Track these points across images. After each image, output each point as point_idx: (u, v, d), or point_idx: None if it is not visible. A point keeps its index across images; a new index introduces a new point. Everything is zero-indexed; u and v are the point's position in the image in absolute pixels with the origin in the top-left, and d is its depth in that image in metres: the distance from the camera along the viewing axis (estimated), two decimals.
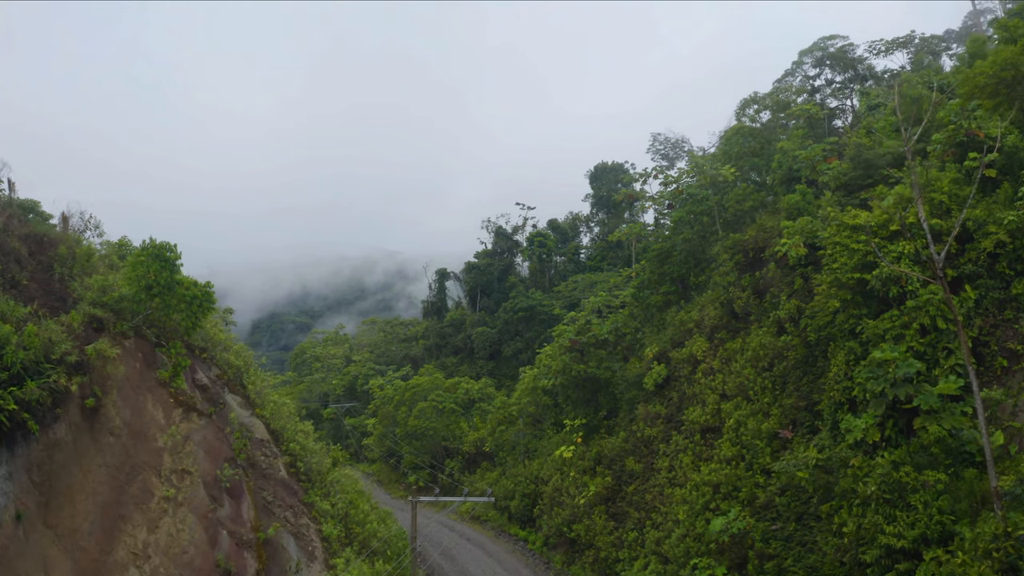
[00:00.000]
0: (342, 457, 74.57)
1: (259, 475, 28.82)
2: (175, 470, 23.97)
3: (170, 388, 26.43)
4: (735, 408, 41.25)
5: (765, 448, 38.07)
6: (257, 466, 29.22)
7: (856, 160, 46.41)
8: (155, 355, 27.58)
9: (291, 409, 35.85)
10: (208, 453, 25.70)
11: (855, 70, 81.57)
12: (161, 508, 22.69)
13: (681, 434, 44.79)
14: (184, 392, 26.89)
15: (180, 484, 23.79)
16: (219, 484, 25.31)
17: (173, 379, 26.83)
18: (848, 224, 34.98)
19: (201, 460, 25.14)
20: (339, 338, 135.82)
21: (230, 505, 25.17)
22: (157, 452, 23.90)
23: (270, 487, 28.63)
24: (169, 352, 27.35)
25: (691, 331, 50.16)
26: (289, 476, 30.92)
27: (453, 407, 78.75)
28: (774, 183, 54.74)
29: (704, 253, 57.24)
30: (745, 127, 59.68)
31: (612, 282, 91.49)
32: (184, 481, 23.99)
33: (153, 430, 24.41)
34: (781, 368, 40.76)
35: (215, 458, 25.84)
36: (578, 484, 52.16)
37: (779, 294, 44.27)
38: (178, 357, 27.42)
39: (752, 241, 49.37)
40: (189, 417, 25.83)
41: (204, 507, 23.94)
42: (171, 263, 26.92)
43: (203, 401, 27.53)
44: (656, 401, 49.88)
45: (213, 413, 27.58)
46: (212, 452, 25.92)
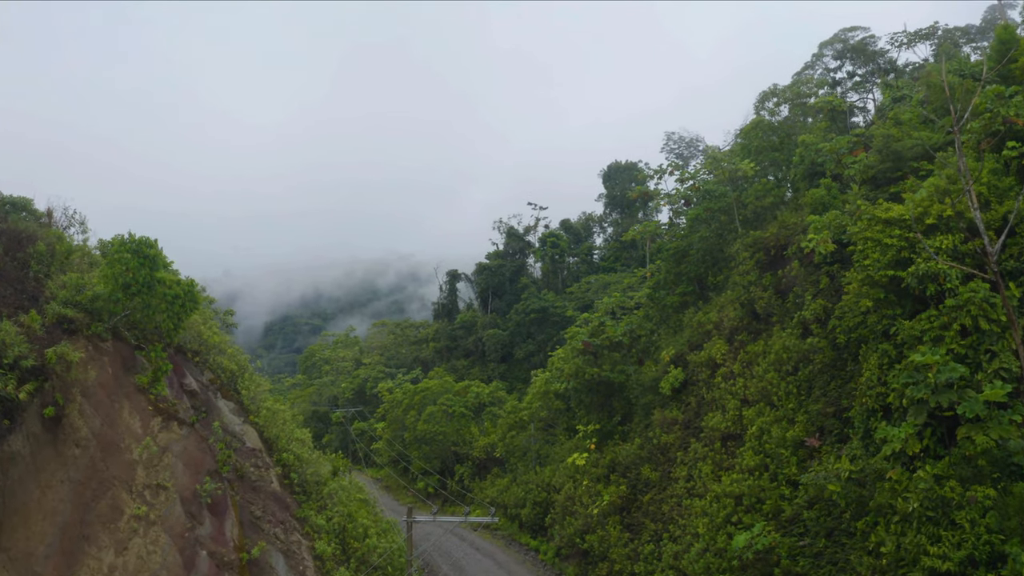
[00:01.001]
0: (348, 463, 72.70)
1: (248, 488, 26.80)
2: (149, 485, 21.98)
3: (149, 395, 24.45)
4: (758, 414, 38.90)
5: (791, 457, 35.71)
6: (246, 478, 27.20)
7: (884, 152, 43.96)
8: (135, 359, 25.63)
9: (287, 416, 33.82)
10: (188, 466, 23.70)
11: (876, 63, 79.13)
12: (131, 528, 20.71)
13: (700, 441, 42.47)
14: (165, 399, 24.92)
15: (154, 501, 21.80)
16: (199, 500, 23.30)
17: (153, 385, 24.86)
18: (881, 218, 32.60)
19: (180, 474, 23.13)
20: (349, 341, 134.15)
21: (211, 522, 23.18)
22: (130, 465, 21.94)
23: (259, 501, 26.61)
24: (149, 356, 25.37)
25: (709, 333, 47.85)
26: (282, 488, 28.90)
27: (463, 411, 76.71)
28: (795, 178, 52.33)
29: (722, 252, 54.95)
30: (764, 121, 57.32)
31: (626, 282, 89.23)
32: (159, 497, 21.99)
33: (127, 441, 22.46)
34: (807, 372, 38.39)
35: (196, 471, 23.84)
36: (591, 493, 49.92)
37: (803, 294, 41.94)
38: (159, 361, 25.44)
39: (773, 239, 47.07)
40: (169, 426, 23.85)
41: (180, 525, 21.94)
42: (151, 259, 24.94)
43: (186, 409, 25.55)
44: (673, 406, 47.59)
45: (196, 422, 25.57)
46: (193, 464, 23.92)
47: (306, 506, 29.38)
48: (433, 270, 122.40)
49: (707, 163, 54.81)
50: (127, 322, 26.14)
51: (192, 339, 35.01)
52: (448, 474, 77.51)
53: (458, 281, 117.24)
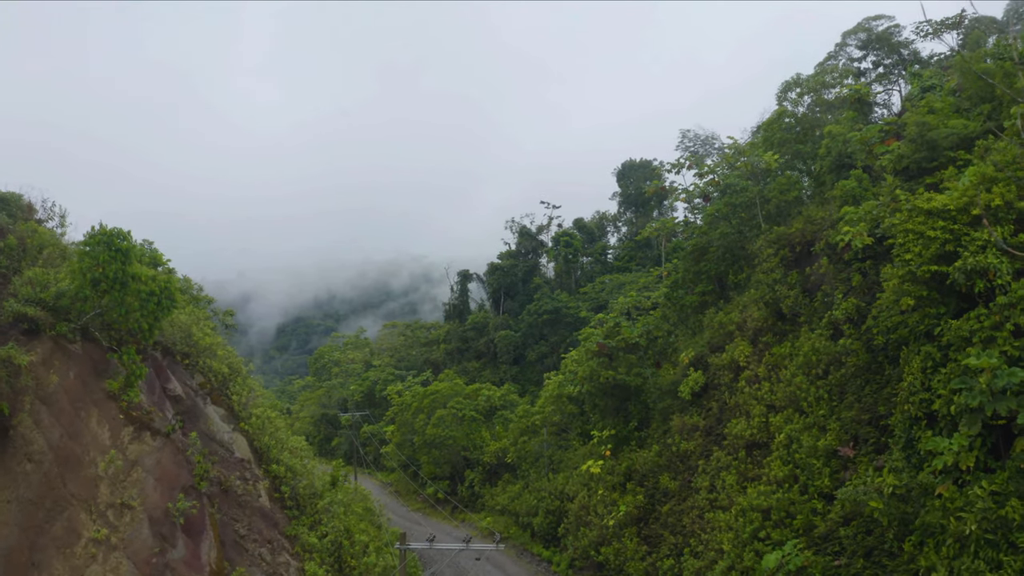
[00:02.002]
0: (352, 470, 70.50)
1: (232, 503, 24.53)
2: (112, 504, 19.76)
3: (121, 402, 22.21)
4: (785, 421, 36.29)
5: (823, 468, 33.08)
6: (231, 492, 24.93)
7: (918, 140, 41.23)
8: (108, 363, 23.39)
9: (279, 423, 31.50)
10: (160, 481, 21.45)
11: (899, 54, 76.19)
12: (89, 553, 18.50)
13: (723, 449, 39.88)
14: (139, 406, 22.69)
15: (117, 522, 19.58)
16: (171, 520, 21.05)
17: (125, 391, 22.62)
18: (922, 208, 29.94)
19: (150, 490, 20.88)
20: (359, 342, 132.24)
21: (185, 545, 20.93)
22: (92, 482, 19.73)
23: (245, 518, 24.34)
24: (122, 359, 23.12)
25: (732, 334, 45.22)
26: (271, 503, 26.60)
27: (473, 415, 74.33)
28: (822, 171, 49.61)
29: (743, 249, 52.31)
30: (788, 111, 54.63)
31: (642, 282, 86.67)
32: (123, 518, 19.76)
33: (93, 454, 20.26)
34: (838, 376, 35.75)
35: (169, 487, 21.59)
36: (607, 502, 47.39)
37: (833, 292, 39.31)
38: (132, 365, 23.18)
39: (798, 234, 44.45)
40: (141, 437, 21.61)
41: (147, 550, 19.69)
42: (124, 252, 22.69)
43: (163, 417, 23.30)
44: (693, 411, 45.01)
45: (172, 431, 23.29)
46: (166, 479, 21.69)
47: (297, 522, 27.07)
48: (444, 270, 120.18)
49: (728, 156, 52.13)
50: (100, 322, 23.92)
51: (182, 340, 32.85)
52: (458, 479, 75.19)
53: (469, 281, 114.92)
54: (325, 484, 33.44)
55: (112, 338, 24.67)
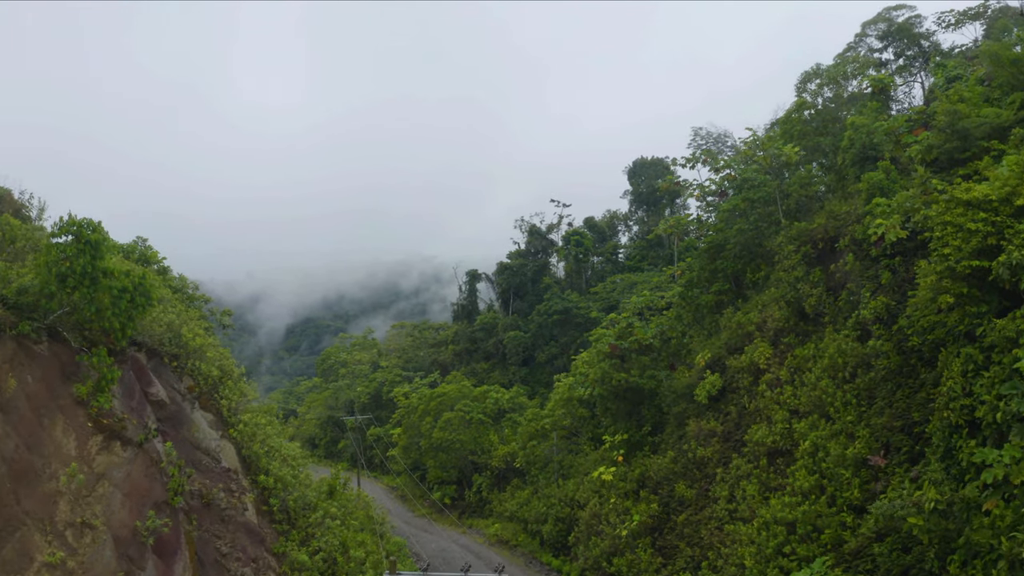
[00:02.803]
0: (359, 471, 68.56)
1: (215, 519, 22.61)
2: (72, 523, 17.87)
3: (89, 408, 20.31)
4: (810, 428, 34.10)
5: (852, 479, 30.89)
6: (213, 506, 23.01)
7: (949, 130, 39.04)
8: (78, 366, 21.49)
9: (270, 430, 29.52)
10: (129, 496, 19.55)
11: (920, 46, 73.85)
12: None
13: (743, 457, 37.71)
14: (109, 413, 20.78)
15: (77, 543, 17.68)
16: (139, 540, 19.15)
17: (94, 396, 20.71)
18: (961, 199, 27.75)
19: (116, 507, 18.98)
20: (367, 343, 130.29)
21: (155, 566, 19.03)
22: (50, 498, 17.84)
23: (227, 535, 22.41)
24: (92, 361, 21.20)
25: (751, 335, 43.06)
26: (259, 517, 24.66)
27: (481, 418, 72.30)
28: (844, 164, 47.36)
29: (760, 246, 50.16)
30: (808, 103, 52.35)
31: (655, 281, 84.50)
32: (83, 538, 17.86)
33: (54, 467, 18.38)
34: (867, 380, 33.54)
35: (139, 503, 19.69)
36: (619, 510, 45.28)
37: (859, 290, 37.13)
38: (103, 368, 21.27)
39: (821, 230, 42.31)
40: (110, 447, 19.72)
41: (109, 574, 17.76)
42: (93, 245, 20.79)
43: (137, 425, 21.38)
44: (710, 416, 42.86)
45: (145, 441, 21.36)
46: (136, 494, 19.78)
47: (286, 538, 25.12)
48: (452, 270, 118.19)
49: (745, 150, 49.93)
50: (71, 322, 22.02)
51: (171, 341, 30.96)
52: (466, 484, 73.22)
53: (478, 281, 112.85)
54: (321, 494, 31.49)
55: (86, 339, 22.77)
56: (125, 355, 25.07)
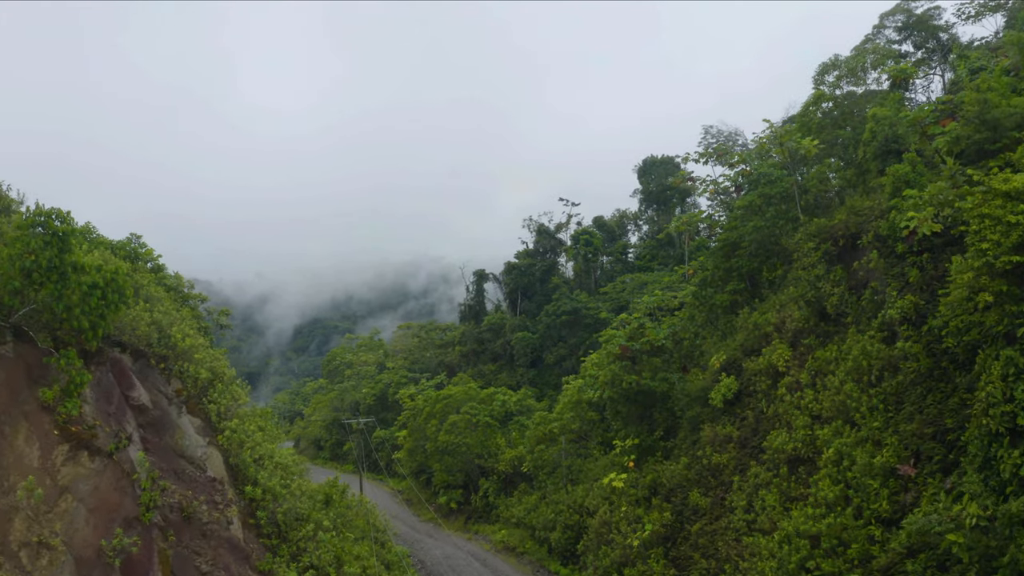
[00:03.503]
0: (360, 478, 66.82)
1: (195, 534, 20.93)
2: (27, 543, 16.21)
3: (56, 415, 18.66)
4: (834, 434, 32.19)
5: (880, 489, 28.99)
6: (194, 521, 21.32)
7: (979, 120, 37.10)
8: (46, 368, 19.85)
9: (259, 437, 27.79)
10: (96, 511, 17.88)
11: (938, 39, 71.76)
12: None
13: (761, 464, 35.83)
14: (79, 419, 19.13)
15: (32, 565, 16.01)
16: (104, 561, 17.48)
17: (62, 402, 19.06)
18: (1000, 190, 25.84)
19: (80, 524, 17.31)
20: (373, 343, 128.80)
21: None
22: (4, 515, 16.18)
23: (209, 551, 20.73)
24: (60, 364, 19.54)
25: (768, 336, 41.18)
26: (244, 532, 22.97)
27: (488, 421, 70.52)
28: (866, 157, 45.40)
29: (777, 244, 48.29)
30: (827, 95, 50.43)
31: (666, 281, 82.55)
32: (40, 559, 16.20)
33: (13, 479, 16.75)
34: (894, 384, 31.61)
35: (106, 519, 18.02)
36: (630, 518, 43.46)
37: (884, 289, 35.21)
38: (72, 370, 19.60)
39: (842, 226, 40.35)
40: (77, 457, 18.06)
41: None
42: (62, 237, 19.14)
43: (110, 432, 19.71)
44: (726, 421, 40.99)
45: (116, 450, 19.67)
46: (104, 510, 18.12)
47: (274, 554, 23.41)
48: (459, 270, 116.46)
49: (762, 143, 48.02)
50: (41, 321, 20.37)
51: (159, 342, 29.34)
52: (472, 488, 71.42)
53: (486, 281, 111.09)
54: (317, 503, 29.79)
55: (57, 339, 21.12)
56: (103, 356, 23.44)
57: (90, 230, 38.18)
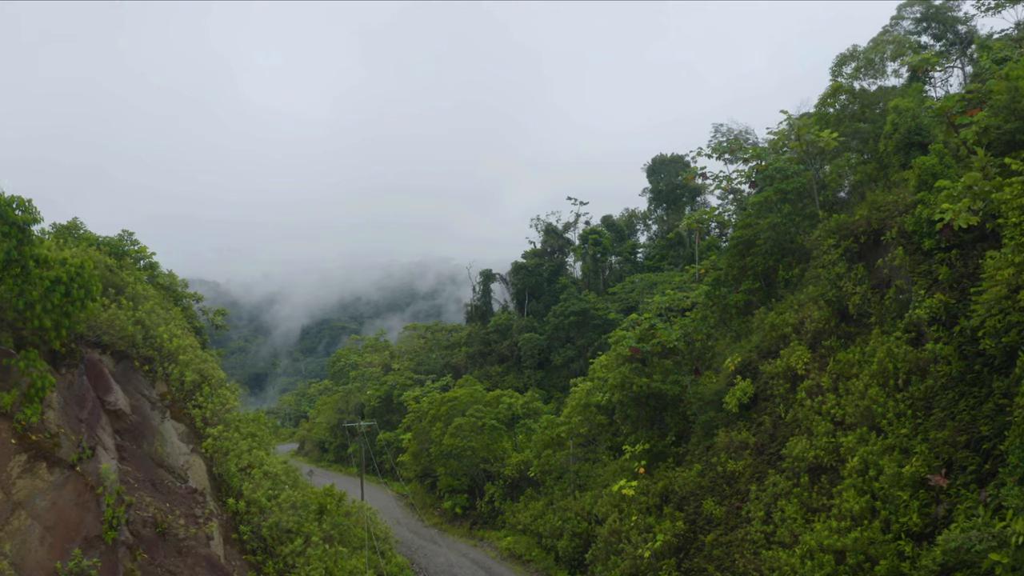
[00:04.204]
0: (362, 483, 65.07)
1: (170, 551, 19.24)
2: None
3: (15, 422, 17.00)
4: (859, 441, 30.31)
5: (910, 501, 27.10)
6: (169, 537, 19.63)
7: (1009, 109, 35.18)
8: (8, 371, 18.19)
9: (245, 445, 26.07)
10: (53, 529, 16.21)
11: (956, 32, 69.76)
12: None
13: (780, 473, 33.96)
14: (40, 427, 17.48)
15: None
16: None
17: (20, 408, 17.40)
18: None
19: (34, 544, 15.65)
20: (379, 345, 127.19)
21: None
22: None
23: (184, 570, 19.03)
24: (20, 366, 17.88)
25: (786, 337, 39.29)
26: (226, 548, 21.29)
27: (494, 424, 68.72)
28: (887, 151, 43.51)
29: (793, 242, 46.43)
30: (845, 86, 48.49)
31: (676, 280, 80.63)
32: None
33: None
34: (923, 388, 29.72)
35: (64, 538, 16.34)
36: (641, 528, 41.62)
37: (910, 288, 33.31)
38: (33, 373, 17.94)
39: (863, 222, 38.44)
40: (34, 469, 16.41)
41: None
42: (21, 228, 17.46)
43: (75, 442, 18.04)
44: (741, 426, 39.14)
45: (80, 461, 18.01)
46: (61, 527, 16.46)
47: (256, 573, 21.70)
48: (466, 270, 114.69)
49: (780, 134, 46.10)
50: (6, 320, 18.71)
51: (144, 342, 27.73)
52: (478, 493, 69.66)
53: (492, 281, 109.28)
54: (309, 514, 28.06)
55: (24, 339, 19.47)
56: (75, 358, 21.77)
57: (77, 225, 36.65)
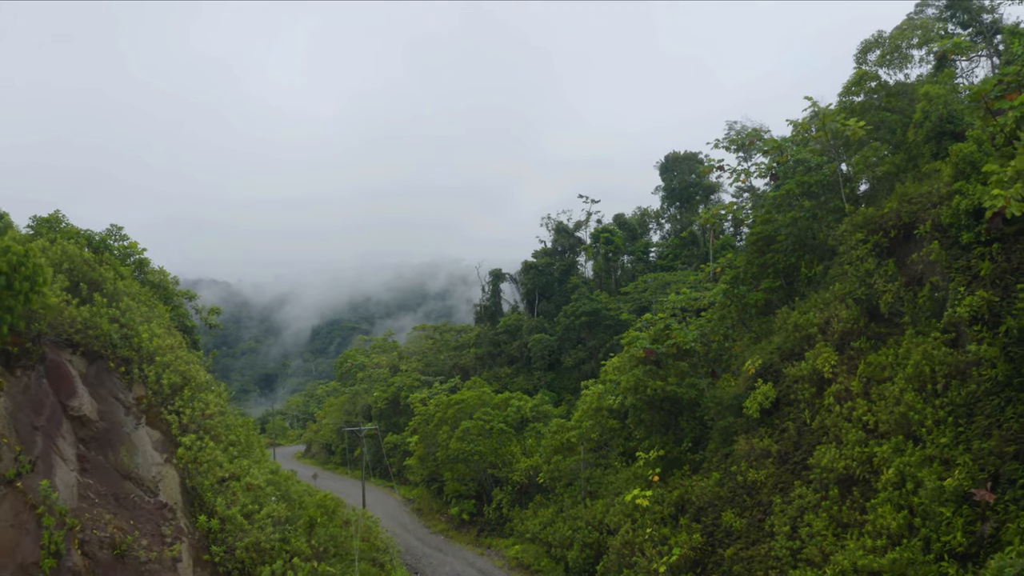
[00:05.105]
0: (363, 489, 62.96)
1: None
2: None
3: None
4: (894, 451, 27.89)
5: (953, 518, 24.68)
6: (129, 560, 17.53)
7: None
8: None
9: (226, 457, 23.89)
10: None
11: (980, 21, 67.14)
12: None
13: (807, 484, 31.55)
14: None
15: None
16: None
17: None
18: None
19: None
20: (387, 345, 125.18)
21: None
22: None
23: None
24: None
25: (811, 338, 36.87)
26: (197, 569, 19.17)
27: (502, 427, 66.47)
28: (917, 140, 41.02)
29: (815, 238, 44.01)
30: (871, 73, 46.00)
31: (691, 280, 78.14)
32: None
33: None
34: (964, 394, 27.28)
35: None
36: (655, 540, 39.28)
37: (947, 284, 30.87)
38: None
39: (893, 216, 36.01)
40: None
41: None
42: None
43: (14, 458, 15.93)
44: (763, 433, 36.73)
45: (18, 476, 15.90)
46: None
47: None
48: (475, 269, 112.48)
49: (802, 125, 43.67)
50: None
51: (122, 342, 25.65)
52: (485, 499, 67.43)
53: (502, 281, 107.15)
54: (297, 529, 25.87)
55: None
56: (34, 358, 19.71)
57: (59, 219, 34.75)
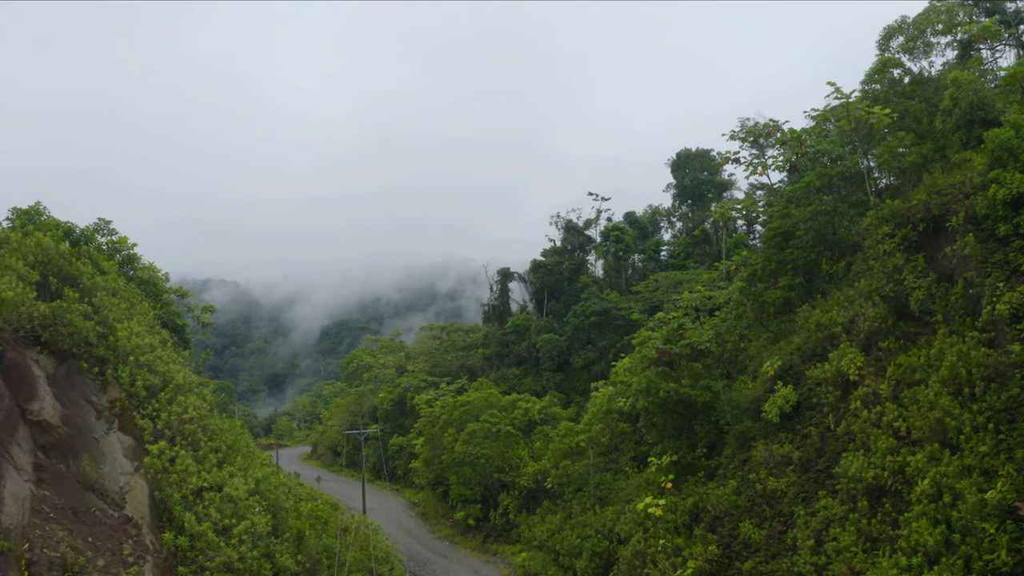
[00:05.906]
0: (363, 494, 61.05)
1: None
2: None
3: None
4: (929, 460, 25.77)
5: (996, 534, 22.56)
6: None
7: None
8: None
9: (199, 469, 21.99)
10: None
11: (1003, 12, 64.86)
12: None
13: (833, 495, 29.44)
14: None
15: None
16: None
17: None
18: None
19: None
20: (394, 345, 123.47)
21: None
22: None
23: None
24: None
25: (835, 338, 34.74)
26: None
27: (510, 430, 64.58)
28: (946, 129, 38.87)
29: (836, 232, 41.90)
30: (895, 60, 43.86)
31: (704, 278, 75.92)
32: None
33: None
34: (1004, 398, 25.14)
35: None
36: (668, 550, 37.24)
37: (983, 280, 28.71)
38: None
39: (922, 208, 33.82)
40: None
41: None
42: None
43: None
44: (783, 439, 34.66)
45: None
46: None
47: None
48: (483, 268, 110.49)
49: (824, 114, 41.57)
50: None
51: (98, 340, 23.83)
52: (492, 504, 65.55)
53: (510, 280, 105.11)
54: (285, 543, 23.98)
55: None
56: None
57: (40, 211, 33.00)
